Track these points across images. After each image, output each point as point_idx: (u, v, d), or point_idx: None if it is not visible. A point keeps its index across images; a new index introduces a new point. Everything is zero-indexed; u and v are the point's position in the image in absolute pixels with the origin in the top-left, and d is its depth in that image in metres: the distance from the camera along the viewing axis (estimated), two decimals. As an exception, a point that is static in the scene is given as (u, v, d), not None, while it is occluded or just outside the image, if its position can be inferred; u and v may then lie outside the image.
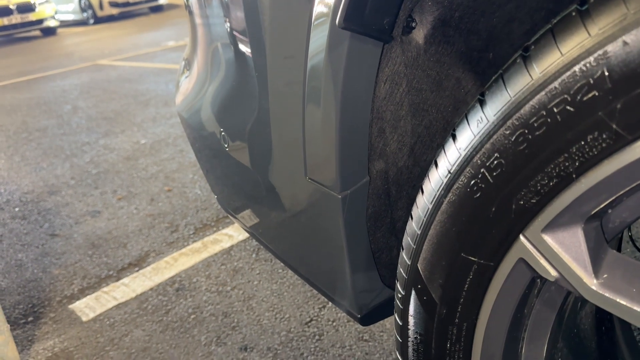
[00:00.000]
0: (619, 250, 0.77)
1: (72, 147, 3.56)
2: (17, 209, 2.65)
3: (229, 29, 0.89)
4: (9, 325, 1.49)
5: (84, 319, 1.73)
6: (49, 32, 12.41)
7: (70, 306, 1.81)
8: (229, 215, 1.23)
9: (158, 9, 14.37)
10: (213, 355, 1.49)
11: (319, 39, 0.65)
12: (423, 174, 0.84)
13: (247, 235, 2.11)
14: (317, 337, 1.50)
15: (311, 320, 1.58)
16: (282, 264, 1.86)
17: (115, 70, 6.37)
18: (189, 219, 2.34)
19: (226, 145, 0.98)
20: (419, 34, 0.74)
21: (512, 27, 0.79)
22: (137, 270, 1.98)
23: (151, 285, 1.87)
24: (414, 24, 0.72)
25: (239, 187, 1.08)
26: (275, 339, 1.52)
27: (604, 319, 0.78)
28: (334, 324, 1.55)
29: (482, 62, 0.81)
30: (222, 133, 0.97)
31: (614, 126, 0.42)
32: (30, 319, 1.77)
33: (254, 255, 1.97)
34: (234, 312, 1.67)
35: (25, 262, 2.14)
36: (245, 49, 0.85)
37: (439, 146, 0.57)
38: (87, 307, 1.79)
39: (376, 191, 0.81)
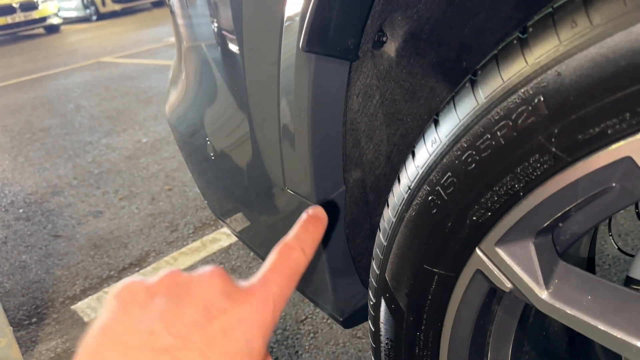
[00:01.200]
0: (592, 265, 0.80)
1: (74, 146, 3.60)
2: (21, 210, 2.70)
3: (211, 40, 0.92)
4: (11, 328, 1.53)
5: (86, 319, 1.77)
6: (52, 29, 12.46)
7: (73, 307, 1.85)
8: (215, 216, 1.26)
9: (160, 3, 14.38)
10: (210, 353, 1.53)
11: (287, 51, 0.67)
12: (400, 180, 0.87)
13: (245, 233, 2.14)
14: (311, 334, 1.54)
15: (306, 318, 1.61)
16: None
17: (117, 67, 6.41)
18: (189, 218, 2.37)
19: (212, 154, 1.00)
20: (390, 48, 0.76)
21: (484, 37, 0.81)
22: (138, 270, 2.02)
23: (151, 285, 1.91)
24: (384, 38, 0.74)
25: (226, 194, 1.10)
26: (270, 337, 1.55)
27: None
28: (329, 321, 1.58)
29: (455, 71, 0.83)
30: (208, 142, 1.00)
31: (553, 149, 0.44)
32: (34, 320, 1.81)
33: (251, 254, 2.01)
34: (231, 310, 1.71)
35: (29, 263, 2.18)
36: (226, 60, 0.88)
37: (401, 163, 0.59)
38: (89, 308, 1.83)
39: (354, 199, 0.84)
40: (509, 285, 0.53)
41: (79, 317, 1.79)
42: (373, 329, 0.70)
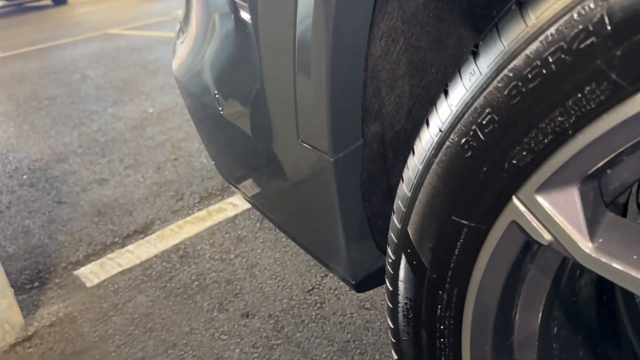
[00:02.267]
0: (624, 216, 0.74)
1: (80, 115, 3.55)
2: (25, 177, 2.67)
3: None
4: (12, 290, 1.50)
5: (89, 284, 1.74)
6: (60, 1, 12.32)
7: (75, 272, 1.82)
8: (226, 181, 1.21)
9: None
10: (215, 321, 1.50)
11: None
12: (421, 137, 0.81)
13: (251, 204, 2.10)
14: (318, 304, 1.50)
15: (313, 288, 1.57)
16: (285, 232, 1.85)
17: (124, 39, 6.33)
18: (195, 187, 2.33)
19: (220, 108, 0.95)
20: (417, -12, 0.70)
21: (517, -18, 0.75)
22: (142, 238, 1.99)
23: (156, 253, 1.88)
24: (411, -23, 0.68)
25: (234, 152, 1.05)
26: (277, 306, 1.52)
27: (605, 289, 0.75)
28: (336, 292, 1.54)
29: (485, 20, 0.76)
30: (217, 96, 0.95)
31: (614, 76, 0.39)
32: (35, 284, 1.78)
33: (258, 224, 1.97)
34: (236, 279, 1.67)
35: (32, 228, 2.15)
36: (236, 8, 0.82)
37: (431, 103, 0.54)
38: (92, 273, 1.80)
39: (371, 155, 0.78)
40: (548, 237, 0.48)
41: (81, 282, 1.76)
42: (391, 289, 0.65)
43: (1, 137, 3.32)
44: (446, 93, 0.51)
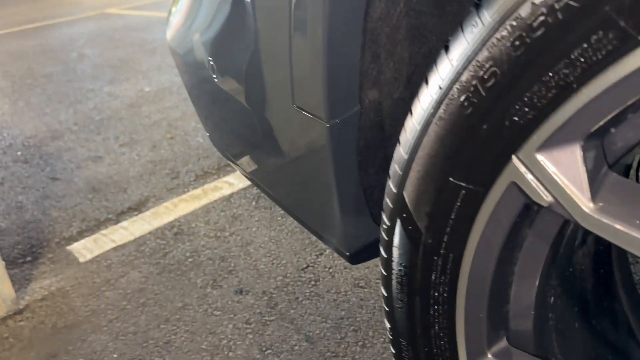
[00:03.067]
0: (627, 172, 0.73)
1: (76, 93, 3.52)
2: (19, 153, 2.64)
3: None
4: (4, 263, 1.48)
5: (82, 260, 1.73)
6: (58, -20, 12.17)
7: (68, 247, 1.81)
8: (223, 156, 1.19)
9: (168, -42, 14.03)
10: (208, 297, 1.49)
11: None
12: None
13: (247, 183, 2.09)
14: (312, 282, 1.49)
15: (307, 266, 1.56)
16: (281, 211, 1.84)
17: (122, 19, 6.26)
18: (190, 166, 2.31)
19: (215, 76, 0.93)
20: (419, -52, 0.67)
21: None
22: (137, 215, 1.97)
23: (150, 229, 1.86)
24: None
25: (230, 124, 1.03)
26: (271, 283, 1.51)
27: (603, 262, 0.74)
28: (330, 270, 1.53)
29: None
30: (211, 62, 0.92)
31: (622, 24, 0.37)
32: (28, 258, 1.77)
33: (253, 203, 1.95)
34: (231, 257, 1.66)
35: (26, 204, 2.13)
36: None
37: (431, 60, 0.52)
38: (85, 249, 1.79)
39: (368, 123, 0.77)
40: (548, 198, 0.46)
41: (74, 257, 1.75)
42: (385, 256, 0.63)
43: (-4, 113, 3.29)
44: (447, 49, 0.49)
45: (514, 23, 0.41)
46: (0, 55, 5.04)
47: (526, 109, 0.44)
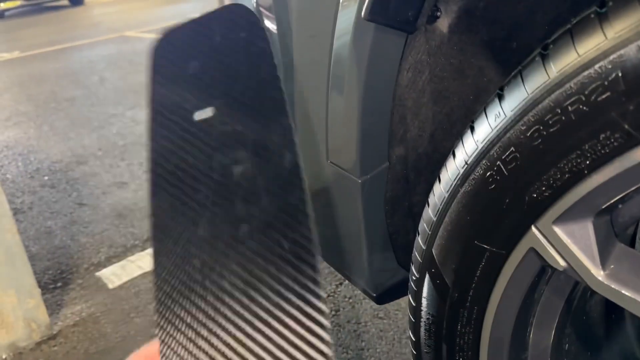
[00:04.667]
0: (632, 246, 0.79)
1: (99, 118, 3.63)
2: (46, 178, 2.74)
3: (254, 4, 0.91)
4: (40, 290, 1.56)
5: (110, 286, 1.80)
6: (77, 2, 12.47)
7: (97, 273, 1.88)
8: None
9: (184, -20, 14.33)
10: (233, 325, 1.55)
11: (345, 22, 0.67)
12: (442, 160, 0.86)
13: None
14: (333, 312, 1.55)
15: (328, 296, 1.62)
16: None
17: (141, 42, 6.42)
18: (212, 193, 2.39)
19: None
20: (443, 23, 0.75)
21: (536, 17, 0.80)
22: (161, 241, 2.04)
23: (174, 256, 1.93)
24: (438, 14, 0.73)
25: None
26: (293, 313, 1.57)
27: (614, 308, 0.80)
28: (351, 300, 1.59)
29: (505, 52, 0.81)
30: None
31: (626, 126, 0.43)
32: (59, 284, 1.85)
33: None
34: (253, 285, 1.72)
35: (54, 229, 2.22)
36: (271, 26, 0.87)
37: (458, 136, 0.59)
38: (114, 275, 1.86)
39: (395, 176, 0.83)
40: (563, 264, 0.53)
41: (103, 283, 1.82)
42: (414, 304, 0.70)
43: (22, 137, 3.41)
44: (472, 129, 0.56)
45: (533, 119, 0.48)
46: (23, 78, 5.20)
47: (543, 188, 0.51)
